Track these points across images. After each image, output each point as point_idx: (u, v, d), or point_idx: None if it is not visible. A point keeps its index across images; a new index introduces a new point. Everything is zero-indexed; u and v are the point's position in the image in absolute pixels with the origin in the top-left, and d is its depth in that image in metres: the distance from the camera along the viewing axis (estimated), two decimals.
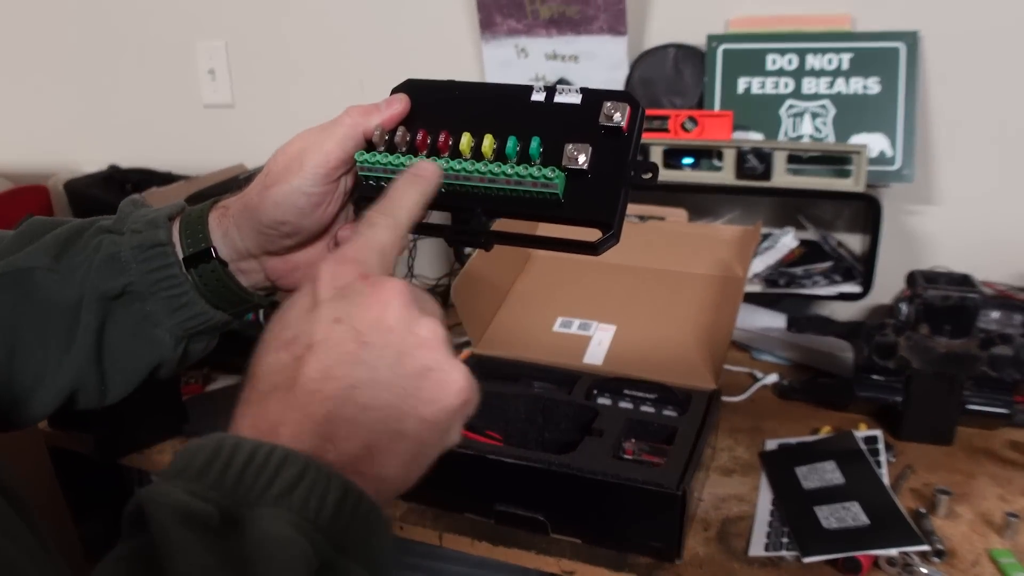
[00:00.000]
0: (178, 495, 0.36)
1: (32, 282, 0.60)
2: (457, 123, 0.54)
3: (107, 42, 1.96)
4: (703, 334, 1.08)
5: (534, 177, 0.51)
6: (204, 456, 0.38)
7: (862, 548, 0.78)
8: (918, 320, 1.02)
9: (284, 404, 0.40)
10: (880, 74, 1.27)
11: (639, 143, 0.53)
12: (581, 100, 0.54)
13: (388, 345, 0.41)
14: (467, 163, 0.53)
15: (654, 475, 0.80)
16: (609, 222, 0.51)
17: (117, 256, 0.60)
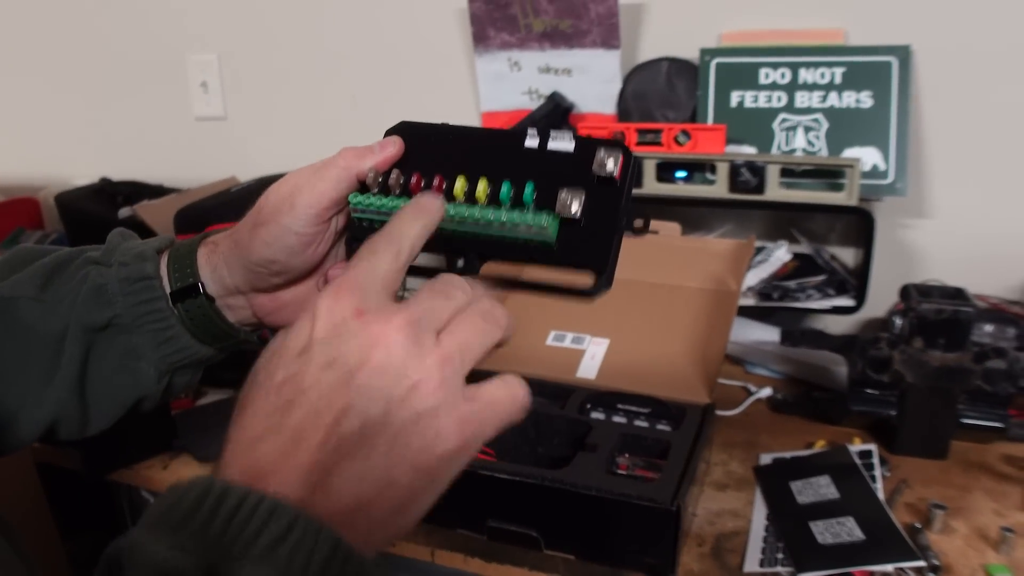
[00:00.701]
0: (160, 551, 0.35)
1: (16, 311, 0.60)
2: (451, 167, 0.54)
3: (99, 54, 1.96)
4: (697, 348, 1.08)
5: (528, 223, 0.51)
6: (190, 502, 0.36)
7: (857, 564, 0.77)
8: (912, 334, 1.01)
9: (274, 451, 0.38)
10: (872, 88, 1.28)
11: (631, 191, 0.53)
12: (574, 148, 0.54)
13: (379, 389, 0.39)
14: (462, 207, 0.52)
15: (648, 490, 0.80)
16: (602, 268, 0.51)
17: (104, 288, 0.59)
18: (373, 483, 0.39)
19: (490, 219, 0.51)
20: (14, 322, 0.59)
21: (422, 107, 1.65)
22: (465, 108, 1.60)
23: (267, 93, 1.80)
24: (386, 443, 0.39)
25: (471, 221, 0.52)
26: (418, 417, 0.39)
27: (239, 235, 0.58)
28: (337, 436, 0.38)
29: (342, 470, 0.38)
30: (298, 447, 0.38)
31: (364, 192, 0.55)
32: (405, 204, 0.50)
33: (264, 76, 1.79)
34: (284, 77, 1.78)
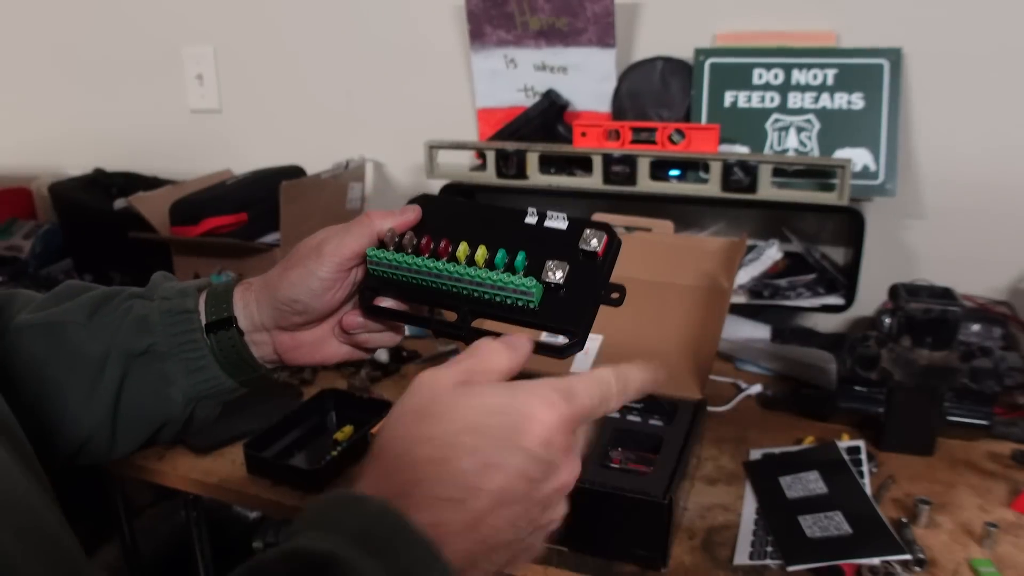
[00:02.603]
0: (368, 569, 0.42)
1: (64, 334, 0.66)
2: (458, 233, 0.61)
3: (94, 46, 1.95)
4: (689, 344, 1.09)
5: (514, 285, 0.57)
6: (384, 534, 0.43)
7: (845, 557, 0.79)
8: (900, 332, 1.03)
9: (457, 523, 0.45)
10: (864, 90, 1.29)
11: (612, 267, 0.60)
12: (567, 226, 0.61)
13: (551, 510, 0.49)
14: (460, 267, 0.59)
15: (640, 484, 0.81)
16: (575, 331, 0.57)
17: (146, 318, 0.67)
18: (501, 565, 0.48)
19: (482, 279, 0.58)
20: (62, 344, 0.66)
21: (417, 103, 1.66)
22: (461, 105, 1.61)
23: (262, 86, 1.81)
24: (516, 536, 0.48)
25: (467, 279, 0.59)
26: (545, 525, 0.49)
27: (271, 276, 0.67)
28: (505, 542, 0.47)
29: (487, 561, 0.47)
30: (475, 532, 0.45)
31: (381, 248, 0.62)
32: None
33: (259, 69, 1.80)
34: (279, 71, 1.78)
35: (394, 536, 0.43)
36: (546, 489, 0.47)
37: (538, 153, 1.35)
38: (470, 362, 0.51)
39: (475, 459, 0.45)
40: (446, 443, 0.46)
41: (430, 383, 0.49)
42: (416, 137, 1.48)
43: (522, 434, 0.46)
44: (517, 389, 0.48)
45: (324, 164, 1.58)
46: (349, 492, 0.46)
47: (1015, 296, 1.31)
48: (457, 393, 0.48)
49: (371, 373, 1.28)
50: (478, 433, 0.46)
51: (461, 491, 0.45)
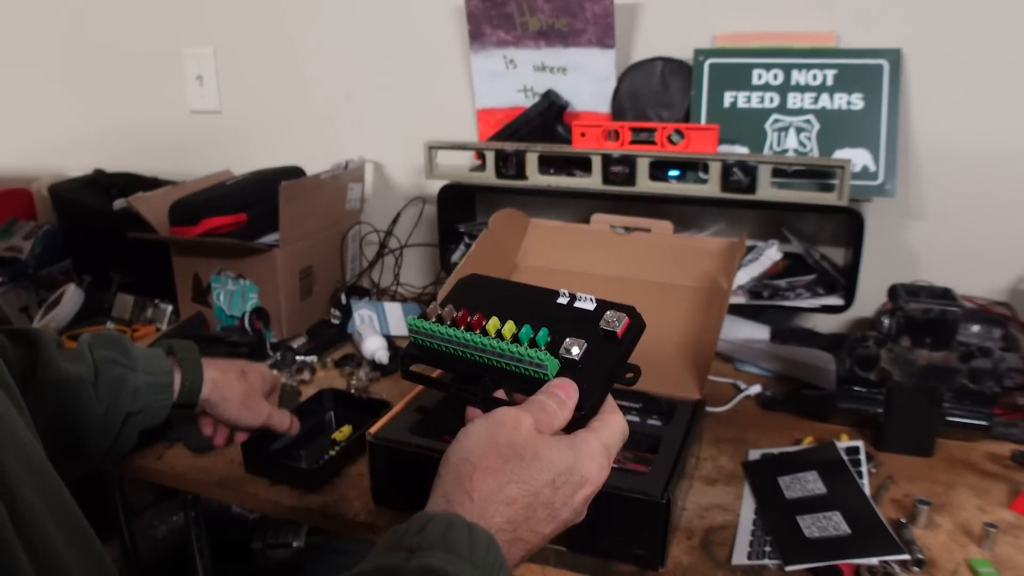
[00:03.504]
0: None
1: (81, 392, 0.84)
2: (492, 309, 0.66)
3: (95, 47, 1.96)
4: (688, 345, 1.09)
5: (531, 358, 0.61)
6: (484, 544, 0.53)
7: (843, 557, 0.79)
8: (899, 333, 1.03)
9: (517, 560, 0.57)
10: (864, 90, 1.29)
11: (631, 348, 0.64)
12: (594, 307, 0.65)
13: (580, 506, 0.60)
14: (486, 339, 0.63)
15: (638, 483, 0.81)
16: (583, 405, 0.61)
17: (138, 390, 0.88)
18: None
19: (503, 350, 0.62)
20: (78, 399, 0.84)
21: (417, 104, 1.66)
22: (460, 105, 1.61)
23: (262, 87, 1.81)
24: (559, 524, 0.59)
25: (490, 350, 0.63)
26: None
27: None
28: (538, 530, 0.57)
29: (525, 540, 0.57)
30: (523, 559, 0.58)
31: (422, 318, 0.67)
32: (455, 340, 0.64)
33: (259, 71, 1.80)
34: (279, 71, 1.78)
35: (497, 567, 0.53)
36: (569, 525, 0.60)
37: (537, 153, 1.35)
38: (541, 416, 0.59)
39: (547, 511, 0.57)
40: (532, 491, 0.56)
41: (515, 423, 0.58)
42: (416, 138, 1.48)
43: (578, 493, 0.58)
44: (581, 450, 0.59)
45: (324, 165, 1.58)
46: (462, 519, 0.54)
47: (1015, 297, 1.31)
48: (539, 441, 0.58)
49: (370, 374, 1.28)
50: (553, 488, 0.57)
51: (531, 535, 0.57)
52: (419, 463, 0.87)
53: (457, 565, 0.50)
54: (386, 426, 0.92)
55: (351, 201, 1.60)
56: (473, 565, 0.51)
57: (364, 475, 0.98)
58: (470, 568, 0.50)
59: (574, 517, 0.60)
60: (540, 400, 0.60)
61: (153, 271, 1.52)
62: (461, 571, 0.50)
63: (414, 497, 0.61)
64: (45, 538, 0.49)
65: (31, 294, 1.62)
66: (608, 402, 0.63)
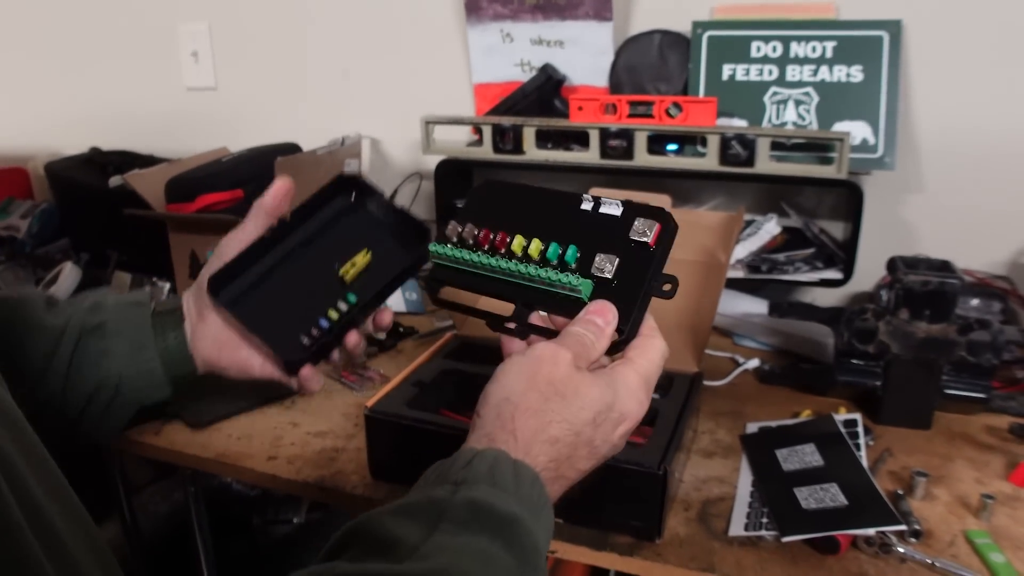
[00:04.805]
0: (508, 501, 0.52)
1: (27, 307, 0.76)
2: (515, 224, 0.63)
3: (89, 24, 1.94)
4: (685, 319, 1.08)
5: (563, 282, 0.60)
6: (529, 476, 0.54)
7: (840, 528, 0.79)
8: (898, 305, 1.03)
9: (557, 494, 0.59)
10: (863, 62, 1.28)
11: (665, 256, 0.61)
12: (621, 213, 0.62)
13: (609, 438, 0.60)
14: (513, 263, 0.62)
15: (635, 455, 0.81)
16: (623, 328, 0.59)
17: (101, 303, 0.78)
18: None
19: (533, 275, 0.61)
20: (24, 315, 0.76)
21: (414, 79, 1.65)
22: (457, 80, 1.60)
23: (258, 63, 1.80)
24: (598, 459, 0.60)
25: (519, 275, 0.61)
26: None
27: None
28: (579, 467, 0.59)
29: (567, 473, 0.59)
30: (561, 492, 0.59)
31: (444, 243, 0.65)
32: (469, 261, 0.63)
33: (255, 46, 1.78)
34: (275, 47, 1.77)
35: (541, 504, 0.54)
36: (609, 457, 0.61)
37: (535, 128, 1.34)
38: (579, 349, 0.58)
39: (588, 448, 0.58)
40: (575, 430, 0.56)
41: (553, 359, 0.57)
42: (412, 113, 1.47)
43: (617, 430, 0.59)
44: (619, 386, 0.58)
45: (320, 141, 1.57)
46: (508, 455, 0.54)
47: (1015, 270, 1.31)
48: (578, 378, 0.57)
49: (368, 349, 1.28)
50: (594, 426, 0.57)
51: (573, 472, 0.58)
52: (416, 437, 0.87)
53: (503, 499, 0.51)
54: (383, 400, 0.92)
55: None
56: (518, 499, 0.52)
57: (362, 449, 0.98)
58: (515, 502, 0.51)
59: (612, 452, 0.61)
60: (577, 332, 0.59)
61: (150, 248, 1.52)
62: (507, 504, 0.50)
63: (412, 470, 0.60)
64: (27, 491, 0.48)
65: (28, 273, 1.61)
66: (647, 323, 0.61)
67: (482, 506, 0.50)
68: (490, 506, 0.50)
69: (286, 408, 1.11)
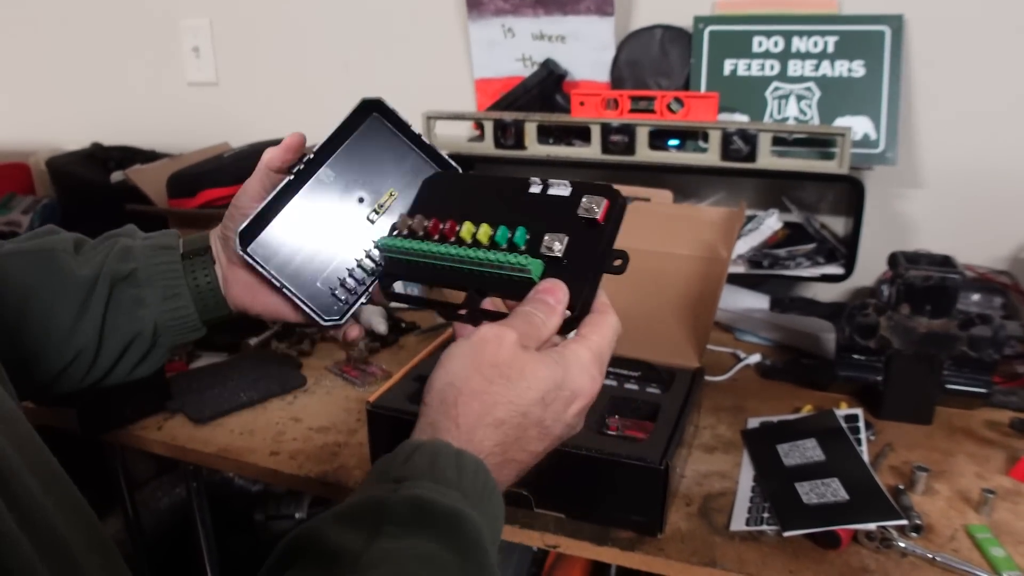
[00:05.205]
0: (449, 495, 0.50)
1: (55, 259, 0.72)
2: (464, 212, 0.63)
3: (91, 19, 1.94)
4: (687, 314, 1.09)
5: (512, 263, 0.59)
6: (470, 466, 0.52)
7: (841, 522, 0.79)
8: (899, 300, 1.03)
9: (510, 480, 0.57)
10: (865, 57, 1.28)
11: (615, 231, 0.59)
12: (570, 192, 0.61)
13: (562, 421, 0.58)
14: (462, 249, 0.61)
15: (637, 450, 0.81)
16: (574, 305, 0.58)
17: (130, 249, 0.74)
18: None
19: (482, 259, 0.60)
20: (53, 270, 0.72)
21: (415, 74, 1.64)
22: (458, 75, 1.60)
23: (259, 59, 1.79)
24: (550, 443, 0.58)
25: (469, 260, 0.61)
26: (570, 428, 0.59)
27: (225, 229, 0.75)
28: (530, 449, 0.57)
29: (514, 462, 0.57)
30: (517, 478, 0.57)
31: (393, 235, 0.65)
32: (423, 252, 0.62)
33: (256, 42, 1.78)
34: (276, 43, 1.76)
35: (486, 492, 0.52)
36: (564, 439, 0.59)
37: (536, 123, 1.34)
38: (525, 328, 0.56)
39: (538, 429, 0.56)
40: (521, 411, 0.54)
41: (497, 340, 0.55)
42: (414, 108, 1.46)
43: (570, 408, 0.57)
44: (570, 363, 0.56)
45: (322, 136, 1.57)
46: (449, 446, 0.53)
47: (1016, 265, 1.31)
48: (524, 358, 0.55)
49: (370, 344, 1.28)
50: (543, 405, 0.55)
51: (523, 454, 0.56)
52: None
53: (445, 493, 0.49)
54: (385, 395, 0.92)
55: None
56: (461, 492, 0.50)
57: (364, 444, 0.98)
58: (459, 495, 0.50)
59: (568, 432, 0.58)
60: (525, 311, 0.57)
61: None
62: (449, 499, 0.49)
63: None
64: (22, 486, 0.46)
65: None
66: (599, 299, 0.60)
67: (424, 504, 0.48)
68: (432, 503, 0.48)
69: (288, 403, 1.11)
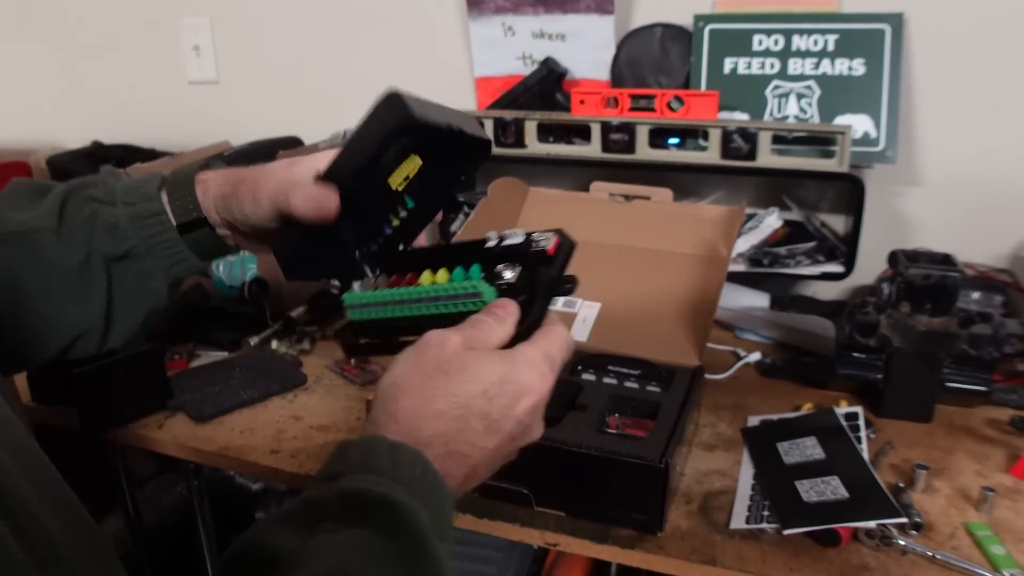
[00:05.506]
0: (383, 484, 0.49)
1: (37, 243, 0.68)
2: (424, 267, 0.65)
3: (91, 17, 1.94)
4: (687, 312, 1.09)
5: (464, 289, 0.60)
6: (408, 458, 0.52)
7: (841, 520, 0.79)
8: (899, 299, 1.03)
9: (461, 477, 0.56)
10: (865, 55, 1.28)
11: (566, 263, 0.62)
12: (524, 238, 0.63)
13: (511, 454, 0.59)
14: (417, 288, 0.62)
15: (637, 448, 0.81)
16: (524, 319, 0.59)
17: (116, 226, 0.69)
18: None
19: (437, 291, 0.61)
20: (34, 252, 0.68)
21: (415, 73, 1.64)
22: (459, 73, 1.60)
23: (260, 57, 1.79)
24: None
25: (425, 296, 0.62)
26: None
27: (230, 192, 0.70)
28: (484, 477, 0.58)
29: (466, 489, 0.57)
30: (469, 478, 0.56)
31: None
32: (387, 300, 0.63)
33: (257, 40, 1.78)
34: (277, 41, 1.76)
35: (427, 481, 0.52)
36: (522, 442, 0.58)
37: (536, 122, 1.34)
38: (472, 331, 0.57)
39: (483, 422, 0.55)
40: (461, 403, 0.54)
41: (440, 342, 0.56)
42: None
43: (519, 404, 0.56)
44: (517, 359, 0.57)
45: (322, 135, 1.57)
46: (384, 438, 0.53)
47: (1016, 264, 1.31)
48: (467, 355, 0.55)
49: None
50: (487, 398, 0.55)
51: (469, 448, 0.55)
52: None
53: (377, 483, 0.49)
54: None
55: None
56: (396, 480, 0.50)
57: None
58: (391, 483, 0.49)
59: (522, 430, 0.57)
60: (474, 318, 0.58)
61: None
62: (382, 487, 0.49)
63: None
64: (17, 493, 0.45)
65: None
66: (550, 316, 0.61)
67: (356, 495, 0.48)
68: (363, 493, 0.48)
69: (288, 402, 1.11)
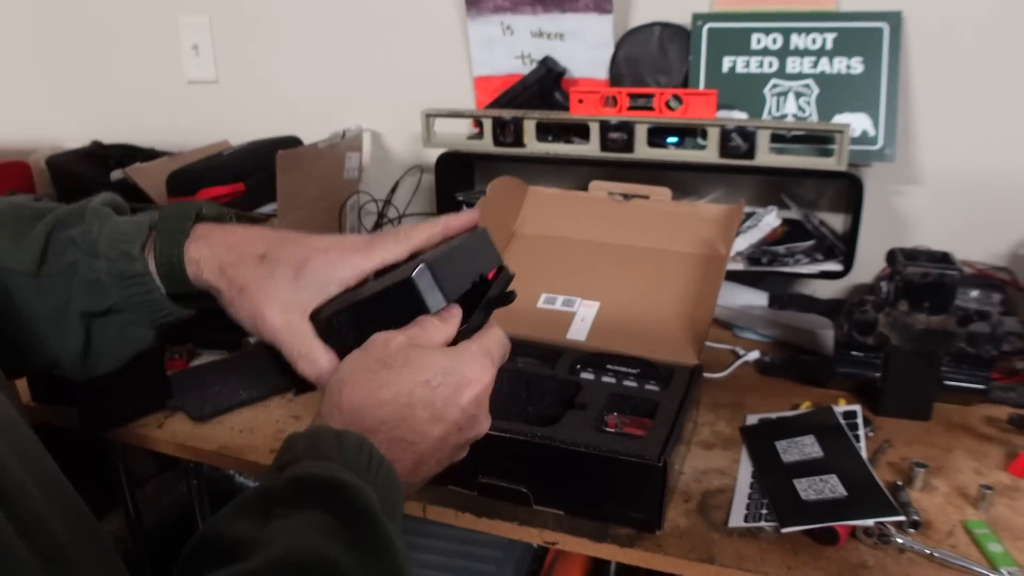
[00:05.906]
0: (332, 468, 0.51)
1: (11, 283, 0.67)
2: None
3: (90, 17, 1.94)
4: (686, 311, 1.09)
5: None
6: (354, 444, 0.54)
7: (839, 519, 0.79)
8: (897, 297, 1.03)
9: (409, 465, 0.58)
10: (863, 54, 1.28)
11: (504, 286, 0.69)
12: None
13: (461, 447, 0.63)
14: None
15: (635, 447, 0.81)
16: (466, 320, 0.64)
17: (97, 282, 0.67)
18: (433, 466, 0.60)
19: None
20: (9, 292, 0.67)
21: (414, 72, 1.64)
22: (458, 73, 1.60)
23: (258, 56, 1.79)
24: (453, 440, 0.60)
25: None
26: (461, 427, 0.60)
27: (226, 288, 0.66)
28: (434, 468, 0.61)
29: (418, 481, 0.61)
30: (417, 466, 0.59)
31: None
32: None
33: (255, 39, 1.78)
34: (275, 40, 1.76)
35: (373, 465, 0.53)
36: (469, 434, 0.61)
37: (535, 121, 1.34)
38: (416, 330, 0.60)
39: (428, 410, 0.57)
40: (405, 391, 0.56)
41: (385, 341, 0.59)
42: (413, 106, 1.46)
43: (462, 394, 0.58)
44: (461, 352, 0.60)
45: (321, 134, 1.57)
46: (329, 427, 0.54)
47: (1015, 262, 1.31)
48: (411, 351, 0.58)
49: None
50: (429, 387, 0.57)
51: (415, 435, 0.57)
52: None
53: (325, 467, 0.51)
54: None
55: (349, 170, 1.59)
56: (343, 464, 0.52)
57: None
58: (339, 467, 0.51)
59: (468, 420, 0.59)
60: (419, 319, 0.61)
61: None
62: (330, 471, 0.50)
63: None
64: (23, 495, 0.45)
65: None
66: (490, 321, 0.66)
67: (306, 479, 0.50)
68: (311, 476, 0.50)
69: (288, 401, 1.11)
